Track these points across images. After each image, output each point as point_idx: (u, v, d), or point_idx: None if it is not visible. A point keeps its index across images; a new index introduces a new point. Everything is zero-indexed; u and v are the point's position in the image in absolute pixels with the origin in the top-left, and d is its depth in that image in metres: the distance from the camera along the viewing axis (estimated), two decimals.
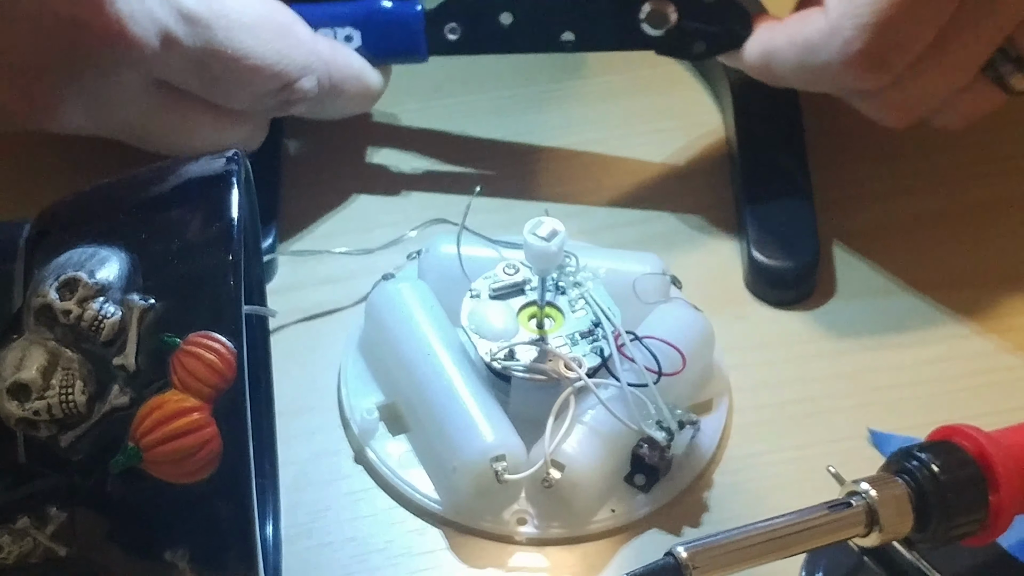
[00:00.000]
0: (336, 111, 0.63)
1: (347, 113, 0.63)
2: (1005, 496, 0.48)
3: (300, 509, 0.55)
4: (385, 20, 0.62)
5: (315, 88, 0.60)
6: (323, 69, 0.60)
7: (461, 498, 0.54)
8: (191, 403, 0.42)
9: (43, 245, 0.45)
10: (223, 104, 0.59)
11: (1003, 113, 0.70)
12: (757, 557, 0.46)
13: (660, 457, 0.54)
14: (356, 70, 0.62)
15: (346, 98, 0.62)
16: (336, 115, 0.63)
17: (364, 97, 0.63)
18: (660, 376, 0.54)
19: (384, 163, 0.67)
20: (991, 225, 0.66)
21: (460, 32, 0.62)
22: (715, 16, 0.61)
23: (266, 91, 0.58)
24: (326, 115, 0.63)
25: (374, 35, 0.62)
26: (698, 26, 0.61)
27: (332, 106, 0.62)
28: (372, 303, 0.58)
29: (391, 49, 0.63)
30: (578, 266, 0.57)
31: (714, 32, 0.61)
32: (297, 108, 0.60)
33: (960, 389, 0.59)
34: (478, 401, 0.54)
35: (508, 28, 0.62)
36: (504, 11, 0.61)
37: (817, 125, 0.69)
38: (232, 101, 0.59)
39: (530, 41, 0.62)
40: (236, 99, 0.59)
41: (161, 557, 0.43)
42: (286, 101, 0.59)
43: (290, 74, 0.58)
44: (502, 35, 0.62)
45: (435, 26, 0.62)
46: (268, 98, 0.59)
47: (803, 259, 0.62)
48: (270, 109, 0.60)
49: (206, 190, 0.46)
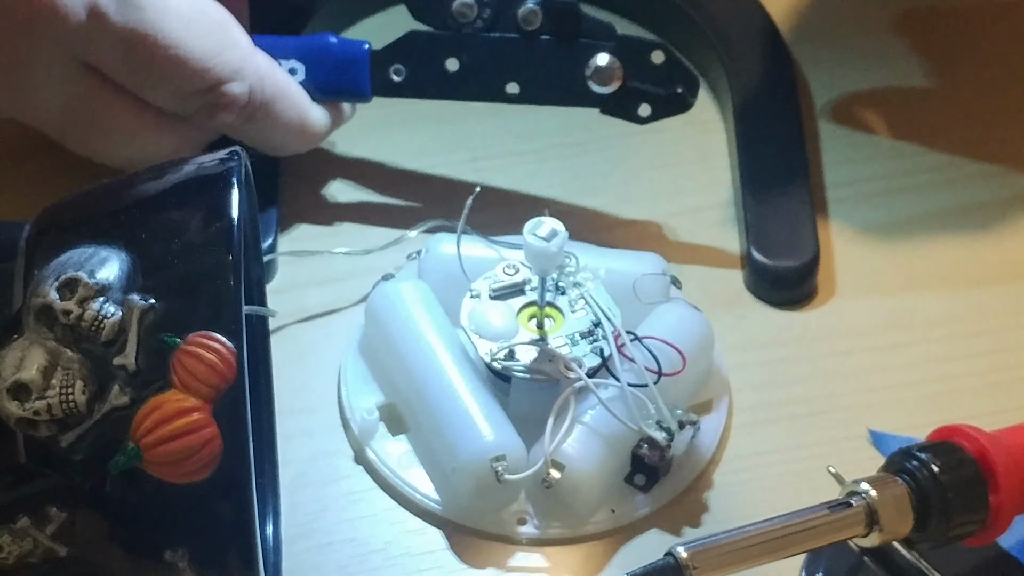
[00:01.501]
0: (273, 139, 0.61)
1: (287, 145, 0.62)
2: (1005, 496, 0.48)
3: (300, 509, 0.55)
4: (330, 55, 0.62)
5: (245, 96, 0.58)
6: (256, 80, 0.59)
7: (461, 498, 0.54)
8: (191, 403, 0.42)
9: (43, 245, 0.45)
10: (148, 97, 0.57)
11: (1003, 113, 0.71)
12: (757, 557, 0.46)
13: (660, 457, 0.54)
14: (293, 95, 0.60)
15: (281, 123, 0.60)
16: (275, 144, 0.62)
17: (302, 129, 0.61)
18: (660, 376, 0.54)
19: (384, 163, 0.67)
20: (991, 225, 0.66)
21: (405, 74, 0.62)
22: (662, 78, 0.60)
23: (193, 88, 0.57)
24: (262, 141, 0.61)
25: (318, 70, 0.61)
26: (645, 88, 0.60)
27: (266, 129, 0.60)
28: (372, 303, 0.58)
29: (335, 86, 0.62)
30: (578, 266, 0.57)
31: (660, 95, 0.61)
32: (225, 117, 0.58)
33: (960, 389, 0.59)
34: (478, 401, 0.54)
35: (453, 75, 0.61)
36: (450, 57, 0.61)
37: (817, 125, 0.69)
38: (156, 95, 0.57)
39: (475, 89, 0.62)
40: (160, 92, 0.57)
41: (161, 557, 0.43)
42: (214, 104, 0.58)
43: (219, 75, 0.57)
44: (447, 81, 0.62)
45: (381, 66, 0.61)
46: (194, 98, 0.58)
47: (803, 259, 0.62)
48: (197, 114, 0.58)
49: (206, 190, 0.46)
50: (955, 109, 0.71)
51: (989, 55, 0.74)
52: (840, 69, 0.72)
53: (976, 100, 0.71)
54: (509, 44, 0.60)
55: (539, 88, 0.61)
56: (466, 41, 0.61)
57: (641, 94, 0.60)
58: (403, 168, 0.67)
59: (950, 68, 0.73)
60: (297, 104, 0.61)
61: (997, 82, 0.72)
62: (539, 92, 0.61)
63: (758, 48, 0.70)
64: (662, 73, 0.60)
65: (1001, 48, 0.74)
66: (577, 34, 0.60)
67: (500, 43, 0.60)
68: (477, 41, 0.60)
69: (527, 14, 0.60)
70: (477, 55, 0.61)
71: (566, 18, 0.60)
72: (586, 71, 0.60)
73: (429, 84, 0.62)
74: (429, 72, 0.61)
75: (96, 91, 0.57)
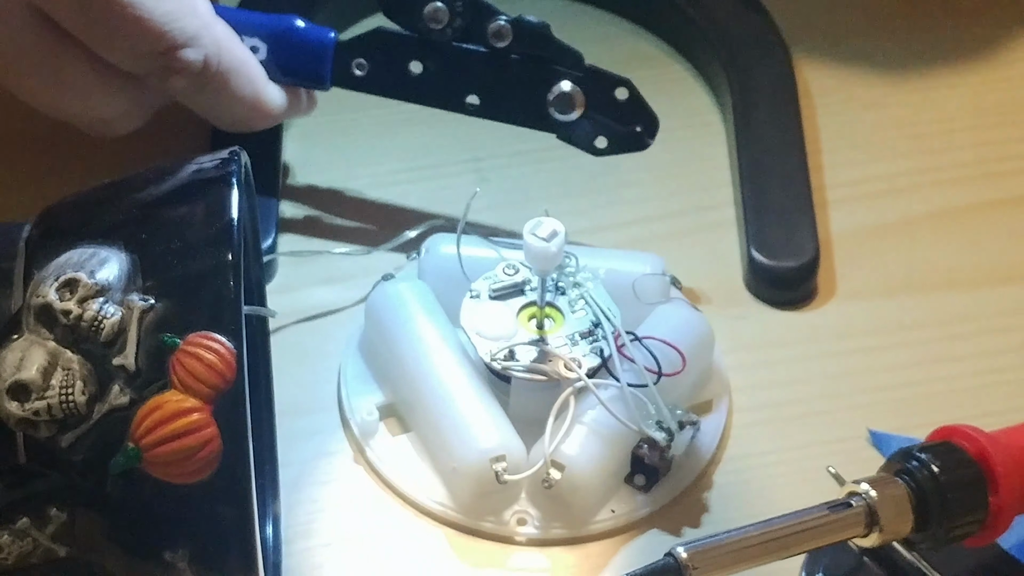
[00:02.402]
0: (226, 112, 0.60)
1: (239, 120, 0.61)
2: (1005, 496, 0.48)
3: (300, 509, 0.55)
4: (294, 39, 0.61)
5: (199, 63, 0.57)
6: (213, 48, 0.57)
7: (461, 498, 0.54)
8: (191, 403, 0.42)
9: (43, 245, 0.45)
10: (102, 53, 0.56)
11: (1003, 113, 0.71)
12: (757, 557, 0.46)
13: (660, 457, 0.54)
14: (250, 70, 0.60)
15: (235, 97, 0.59)
16: (226, 118, 0.61)
17: (255, 106, 0.60)
18: (660, 376, 0.54)
19: (384, 163, 0.67)
20: (991, 225, 0.66)
21: (367, 69, 0.61)
22: (624, 115, 0.60)
23: (147, 49, 0.56)
24: (214, 113, 0.61)
25: (280, 51, 0.61)
26: (605, 121, 0.60)
27: (219, 101, 0.59)
28: (372, 303, 0.58)
29: (294, 69, 0.61)
30: (578, 266, 0.57)
31: (619, 131, 0.60)
32: (178, 82, 0.57)
33: (960, 389, 0.59)
34: (478, 402, 0.54)
35: (415, 78, 0.61)
36: (415, 59, 0.60)
37: (817, 125, 0.69)
38: (111, 51, 0.56)
39: (435, 96, 0.61)
40: (114, 50, 0.56)
41: (161, 557, 0.43)
42: (166, 68, 0.57)
43: (175, 38, 0.56)
44: (408, 83, 0.61)
45: (343, 58, 0.61)
46: (148, 59, 0.57)
47: (803, 259, 0.62)
48: (150, 76, 0.58)
49: (206, 190, 0.46)
50: (955, 109, 0.71)
51: (990, 55, 0.74)
52: (840, 69, 0.72)
53: (976, 100, 0.71)
54: (475, 56, 0.60)
55: (499, 105, 0.61)
56: (433, 46, 0.60)
57: (600, 126, 0.60)
58: (404, 168, 0.67)
59: (950, 68, 0.73)
60: (253, 80, 0.60)
61: (997, 82, 0.72)
62: (499, 109, 0.61)
63: (758, 48, 0.70)
64: (624, 109, 0.60)
65: (1002, 48, 0.74)
66: (545, 57, 0.59)
67: (466, 54, 0.60)
68: (444, 48, 0.60)
69: (498, 30, 0.59)
70: (442, 62, 0.60)
71: (536, 39, 0.59)
72: (548, 96, 0.59)
73: (390, 83, 0.61)
74: (392, 71, 0.61)
75: (50, 41, 0.56)
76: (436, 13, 0.59)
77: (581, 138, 0.60)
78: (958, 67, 0.73)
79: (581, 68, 0.60)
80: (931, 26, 0.75)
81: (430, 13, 0.59)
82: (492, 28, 0.59)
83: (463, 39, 0.60)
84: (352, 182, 0.66)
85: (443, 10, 0.59)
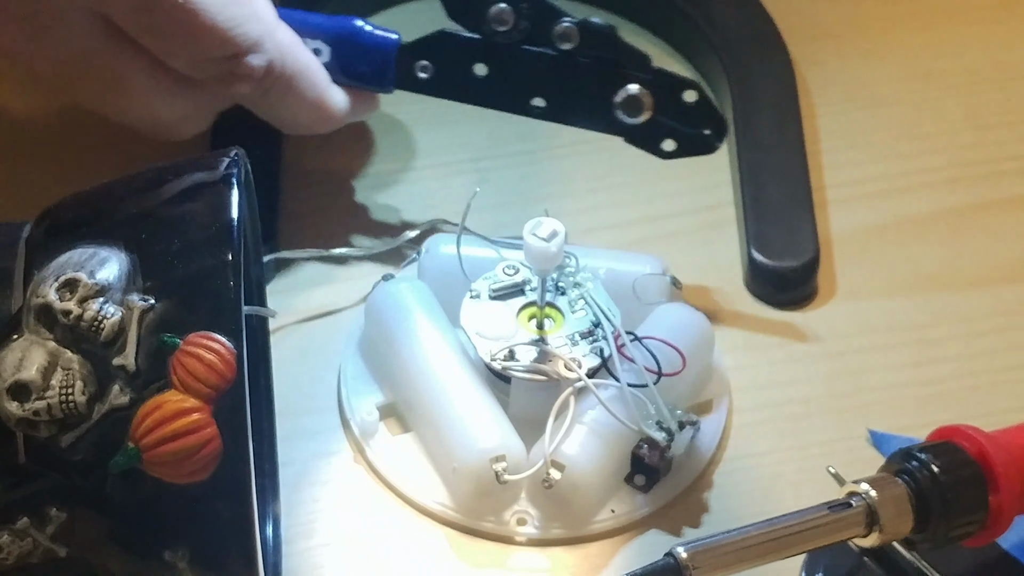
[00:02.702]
0: (289, 116, 0.60)
1: (303, 124, 0.61)
2: (1005, 497, 0.48)
3: (300, 509, 0.55)
4: (358, 41, 0.60)
5: (262, 69, 0.57)
6: (276, 54, 0.57)
7: (461, 498, 0.54)
8: (191, 403, 0.42)
9: (43, 245, 0.45)
10: (164, 59, 0.56)
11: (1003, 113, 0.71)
12: (757, 557, 0.46)
13: (660, 458, 0.54)
14: (313, 75, 0.59)
15: (298, 102, 0.59)
16: (290, 121, 0.61)
17: (319, 110, 0.60)
18: (660, 376, 0.54)
19: (384, 163, 0.67)
20: (991, 225, 0.66)
21: (432, 72, 0.60)
22: (691, 118, 0.59)
23: (211, 56, 0.56)
24: (277, 116, 0.60)
25: (343, 54, 0.60)
26: (673, 124, 0.59)
27: (283, 105, 0.59)
28: (372, 303, 0.58)
29: (358, 72, 0.61)
30: (578, 266, 0.57)
31: (687, 134, 0.59)
32: (241, 88, 0.57)
33: (960, 389, 0.59)
34: (478, 401, 0.54)
35: (480, 80, 0.60)
36: (480, 62, 0.60)
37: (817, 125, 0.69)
38: (173, 57, 0.56)
39: (500, 98, 0.60)
40: (177, 56, 0.56)
41: (161, 557, 0.43)
42: (231, 73, 0.57)
43: (239, 44, 0.56)
44: (472, 86, 0.60)
45: (407, 60, 0.60)
46: (212, 65, 0.56)
47: (803, 259, 0.62)
48: (213, 81, 0.57)
49: (206, 190, 0.46)
50: (955, 109, 0.71)
51: (989, 55, 0.74)
52: (840, 69, 0.72)
53: (976, 100, 0.71)
54: (541, 59, 0.59)
55: (566, 108, 0.60)
56: (497, 49, 0.59)
57: (667, 129, 0.59)
58: (403, 168, 0.67)
59: (950, 68, 0.73)
60: (317, 85, 0.59)
61: (997, 82, 0.72)
62: (565, 111, 0.60)
63: (758, 48, 0.70)
64: (692, 112, 0.58)
65: (1002, 48, 0.74)
66: (612, 59, 0.58)
67: (532, 56, 0.59)
68: (509, 50, 0.59)
69: (564, 31, 0.58)
70: (507, 64, 0.59)
71: (603, 42, 0.58)
72: (616, 99, 0.58)
73: (454, 86, 0.60)
74: (456, 74, 0.60)
75: (112, 46, 0.56)
76: (501, 15, 0.58)
77: (648, 141, 0.59)
78: (958, 67, 0.73)
79: (649, 70, 0.58)
80: (931, 26, 0.75)
81: (495, 15, 0.58)
82: (558, 30, 0.58)
83: (528, 41, 0.59)
84: (352, 182, 0.66)
85: (508, 12, 0.58)
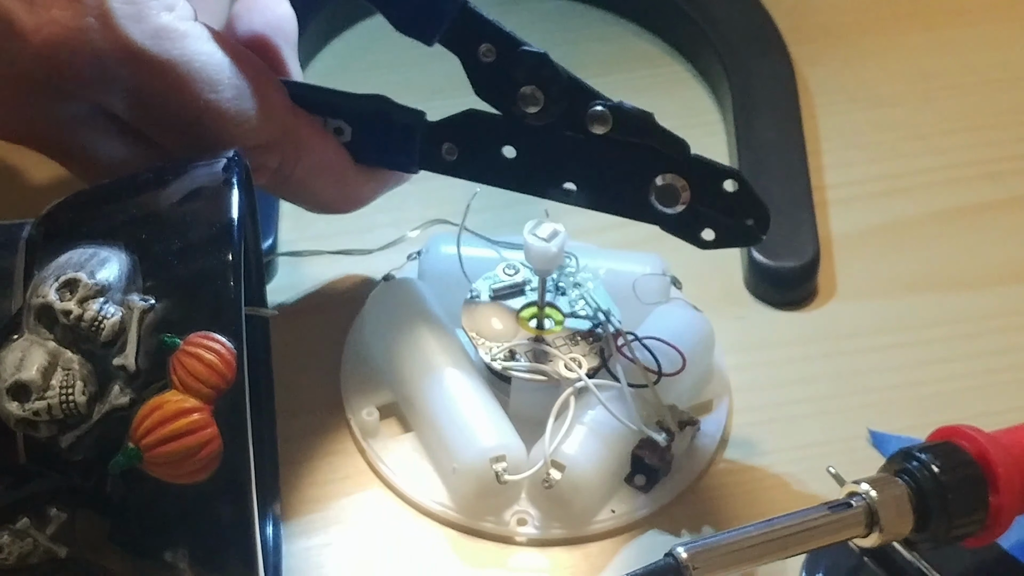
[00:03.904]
0: (312, 202, 0.57)
1: (327, 208, 0.58)
2: (1005, 497, 0.48)
3: (300, 509, 0.55)
4: (382, 120, 0.56)
5: (274, 165, 0.54)
6: (291, 152, 0.54)
7: (461, 498, 0.54)
8: (191, 403, 0.42)
9: (43, 245, 0.45)
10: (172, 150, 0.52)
11: (1003, 113, 0.71)
12: (757, 557, 0.46)
13: (660, 458, 0.54)
14: (333, 167, 0.56)
15: (320, 191, 0.56)
16: (313, 209, 0.58)
17: (342, 195, 0.57)
18: (660, 376, 0.54)
19: None
20: (991, 225, 0.66)
21: (457, 154, 0.56)
22: (731, 207, 0.54)
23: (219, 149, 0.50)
24: (300, 203, 0.57)
25: (366, 134, 0.56)
26: (711, 213, 0.54)
27: (304, 195, 0.56)
28: (372, 303, 0.58)
29: (380, 154, 0.57)
30: (578, 266, 0.57)
31: (727, 224, 0.54)
32: (256, 180, 0.53)
33: (960, 389, 0.59)
34: (478, 402, 0.54)
35: (509, 162, 0.55)
36: (507, 144, 0.55)
37: (817, 125, 0.69)
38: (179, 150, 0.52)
39: (529, 182, 0.56)
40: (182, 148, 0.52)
41: (161, 557, 0.43)
42: None
43: (246, 143, 0.51)
44: (501, 167, 0.56)
45: (434, 141, 0.56)
46: None
47: (803, 259, 0.62)
48: None
49: (206, 190, 0.46)
50: (955, 109, 0.71)
51: (989, 55, 0.74)
52: (840, 69, 0.72)
53: (977, 100, 0.71)
54: (573, 143, 0.54)
55: (598, 194, 0.56)
56: (527, 130, 0.55)
57: (707, 219, 0.54)
58: None
59: (950, 68, 0.73)
60: (338, 178, 0.56)
61: (997, 82, 0.72)
62: (598, 198, 0.56)
63: (758, 48, 0.70)
64: (732, 201, 0.54)
65: (1002, 48, 0.74)
66: (647, 146, 0.54)
67: (563, 140, 0.55)
68: (539, 133, 0.54)
69: (598, 115, 0.53)
70: (537, 147, 0.55)
71: (638, 125, 0.54)
72: (651, 187, 0.54)
73: (482, 168, 0.56)
74: (484, 156, 0.56)
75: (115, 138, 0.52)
76: (533, 94, 0.54)
77: (687, 231, 0.55)
78: (958, 67, 0.73)
79: (686, 157, 0.54)
80: (931, 26, 0.75)
81: (525, 95, 0.54)
82: (591, 114, 0.54)
83: (558, 126, 0.55)
84: None
85: (539, 92, 0.54)
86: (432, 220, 0.61)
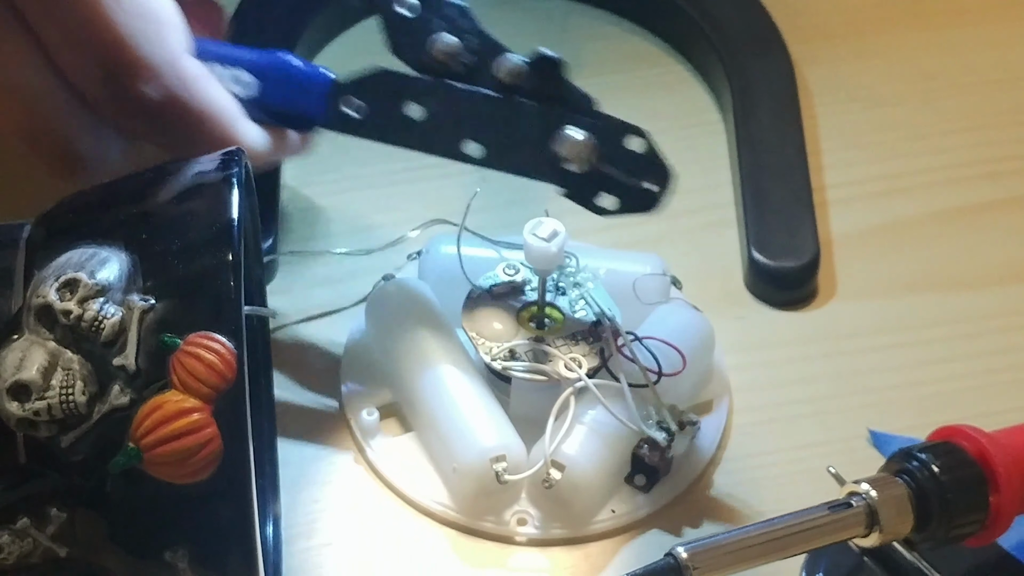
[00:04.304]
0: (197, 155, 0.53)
1: None
2: (1006, 496, 0.48)
3: (300, 509, 0.55)
4: (288, 79, 0.55)
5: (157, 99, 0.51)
6: (177, 84, 0.52)
7: (461, 498, 0.54)
8: (191, 403, 0.42)
9: (43, 245, 0.45)
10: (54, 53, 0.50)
11: (1003, 113, 0.71)
12: (757, 557, 0.46)
13: (660, 458, 0.54)
14: (222, 113, 0.53)
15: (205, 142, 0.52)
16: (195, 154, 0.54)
17: None
18: (660, 376, 0.54)
19: (384, 163, 0.67)
20: (991, 225, 0.66)
21: (364, 112, 0.55)
22: (634, 168, 0.53)
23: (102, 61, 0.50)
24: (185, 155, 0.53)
25: (271, 90, 0.55)
26: (615, 177, 0.53)
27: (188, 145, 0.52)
28: (372, 303, 0.58)
29: (284, 112, 0.56)
30: (578, 266, 0.57)
31: (626, 187, 0.54)
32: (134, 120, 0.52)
33: (960, 389, 0.59)
34: (478, 402, 0.54)
35: (416, 123, 0.55)
36: (414, 102, 0.55)
37: (817, 125, 0.69)
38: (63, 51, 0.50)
39: (436, 142, 0.55)
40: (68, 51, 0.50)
41: (161, 557, 0.43)
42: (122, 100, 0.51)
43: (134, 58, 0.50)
44: (408, 126, 0.55)
45: (338, 99, 0.55)
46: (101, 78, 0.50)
47: (803, 259, 0.62)
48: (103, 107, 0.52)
49: (206, 190, 0.46)
50: (955, 109, 0.71)
51: (989, 55, 0.74)
52: (840, 69, 0.72)
53: (977, 100, 0.71)
54: (482, 100, 0.54)
55: (504, 153, 0.55)
56: (436, 88, 0.55)
57: (609, 182, 0.54)
58: (404, 168, 0.66)
59: (950, 68, 0.73)
60: (225, 125, 0.53)
61: (997, 82, 0.72)
62: (503, 158, 0.55)
63: (758, 48, 0.70)
64: (637, 162, 0.53)
65: (1002, 48, 0.74)
66: (557, 99, 0.54)
67: (471, 98, 0.55)
68: (448, 90, 0.54)
69: (514, 68, 0.54)
70: (444, 105, 0.55)
71: (551, 77, 0.54)
72: (555, 143, 0.54)
73: (388, 127, 0.56)
74: (392, 115, 0.55)
75: None
76: (446, 49, 0.54)
77: (585, 194, 0.54)
78: (958, 67, 0.73)
79: (592, 112, 0.54)
80: (931, 26, 0.75)
81: (440, 49, 0.54)
82: (507, 67, 0.54)
83: (470, 79, 0.54)
84: (352, 182, 0.66)
85: (454, 46, 0.54)
86: (432, 220, 0.61)
